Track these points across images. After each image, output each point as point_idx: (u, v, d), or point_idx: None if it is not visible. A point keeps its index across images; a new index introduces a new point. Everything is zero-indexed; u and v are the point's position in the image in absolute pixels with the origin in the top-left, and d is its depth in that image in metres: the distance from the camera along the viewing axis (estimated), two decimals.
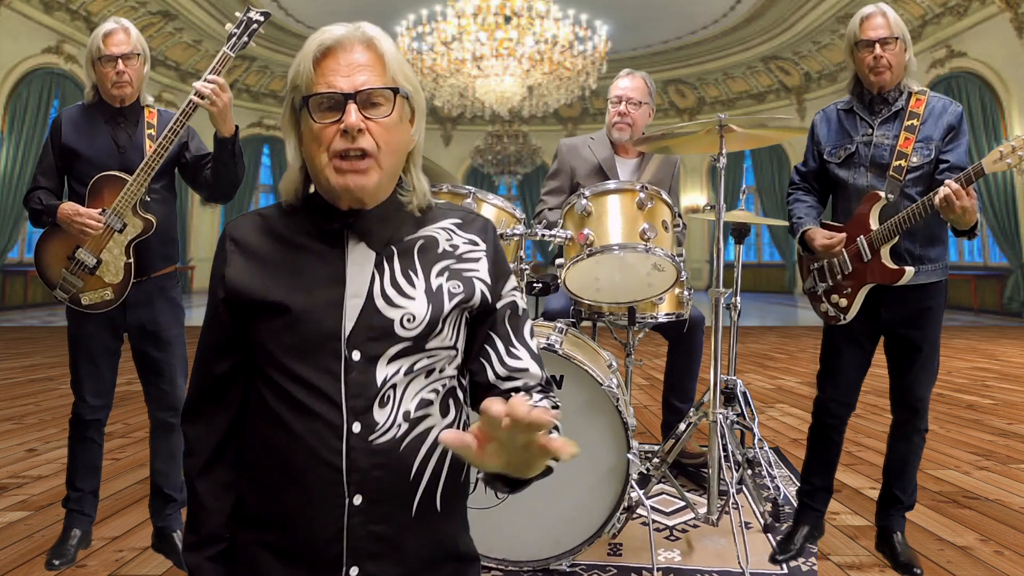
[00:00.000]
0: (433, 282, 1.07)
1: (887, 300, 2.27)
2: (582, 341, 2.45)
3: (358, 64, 1.02)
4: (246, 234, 1.09)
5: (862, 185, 2.27)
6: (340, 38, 1.03)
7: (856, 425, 4.18)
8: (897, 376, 2.32)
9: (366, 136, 1.01)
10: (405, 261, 1.07)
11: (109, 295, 2.22)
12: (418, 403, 1.03)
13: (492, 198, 2.40)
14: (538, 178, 17.30)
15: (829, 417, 2.40)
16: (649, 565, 2.22)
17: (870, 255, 2.23)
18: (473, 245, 1.12)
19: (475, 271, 1.10)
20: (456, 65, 11.52)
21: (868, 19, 2.21)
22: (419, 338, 1.03)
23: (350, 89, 1.01)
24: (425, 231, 1.11)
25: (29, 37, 11.37)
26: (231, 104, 2.15)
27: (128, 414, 4.29)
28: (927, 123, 2.20)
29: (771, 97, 16.61)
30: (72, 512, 2.34)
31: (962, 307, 12.06)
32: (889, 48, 2.18)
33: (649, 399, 4.95)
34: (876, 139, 2.24)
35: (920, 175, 2.21)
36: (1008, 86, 11.10)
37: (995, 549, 2.43)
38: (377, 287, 1.04)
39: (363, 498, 0.99)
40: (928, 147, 2.19)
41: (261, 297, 1.03)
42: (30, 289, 11.53)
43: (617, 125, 3.10)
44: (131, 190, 2.17)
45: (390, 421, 1.01)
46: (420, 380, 1.04)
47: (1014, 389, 5.46)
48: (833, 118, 2.37)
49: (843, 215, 2.33)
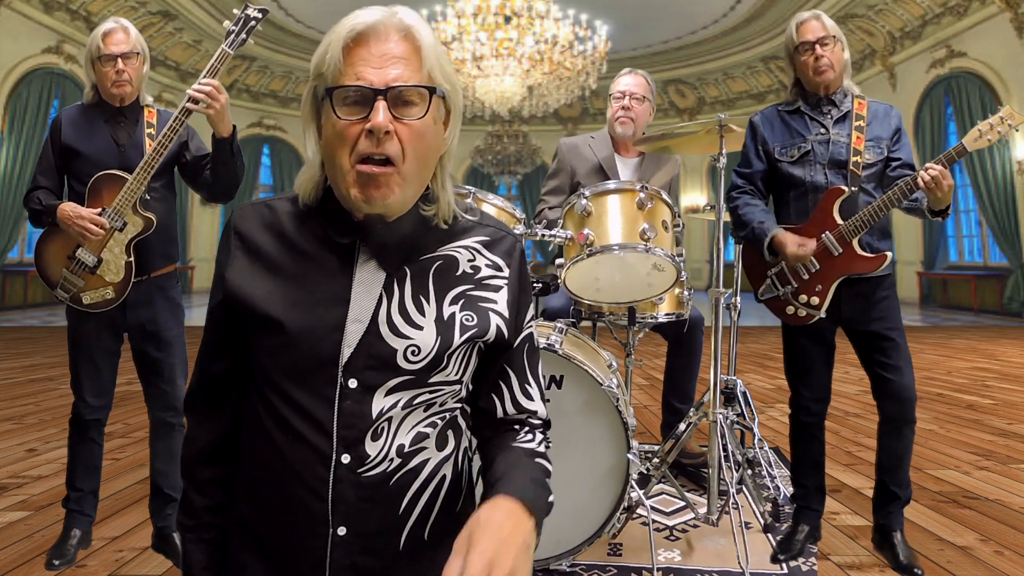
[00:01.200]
0: (446, 310, 0.98)
1: (846, 295, 2.32)
2: (582, 341, 2.45)
3: (392, 55, 0.91)
4: (252, 230, 1.01)
5: (820, 182, 2.32)
6: (374, 24, 0.92)
7: (856, 425, 4.18)
8: (879, 372, 2.34)
9: (393, 140, 0.91)
10: (418, 285, 0.98)
11: (110, 294, 2.22)
12: (414, 437, 0.96)
13: (492, 198, 2.40)
14: (538, 178, 17.30)
15: (808, 415, 2.43)
16: (649, 565, 2.22)
17: (841, 248, 2.27)
18: (496, 271, 1.03)
19: (493, 303, 1.01)
20: (456, 65, 11.51)
21: (804, 23, 2.33)
22: (422, 372, 0.95)
23: (381, 84, 0.90)
24: (446, 249, 1.01)
25: (29, 37, 11.38)
26: (228, 105, 2.15)
27: (128, 414, 4.29)
28: (872, 124, 2.33)
29: (771, 97, 16.61)
30: (72, 512, 2.33)
31: (962, 307, 12.06)
32: (828, 47, 2.29)
33: (649, 399, 4.95)
34: (833, 137, 2.32)
35: (874, 172, 2.32)
36: (1008, 86, 11.09)
37: (995, 549, 2.43)
38: (383, 312, 0.96)
39: (347, 530, 0.94)
40: (879, 146, 2.32)
41: (260, 309, 0.96)
42: (30, 289, 11.53)
43: (620, 119, 3.11)
44: (131, 188, 2.17)
45: (382, 455, 0.94)
46: (418, 413, 0.97)
47: (1014, 389, 5.46)
48: (775, 119, 2.41)
49: (797, 214, 2.36)
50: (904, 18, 12.63)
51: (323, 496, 0.93)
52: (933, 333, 9.14)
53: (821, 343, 2.39)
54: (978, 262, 12.42)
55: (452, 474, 1.01)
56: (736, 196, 2.46)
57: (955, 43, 11.99)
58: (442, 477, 1.00)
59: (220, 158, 2.21)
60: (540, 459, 1.02)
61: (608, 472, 2.18)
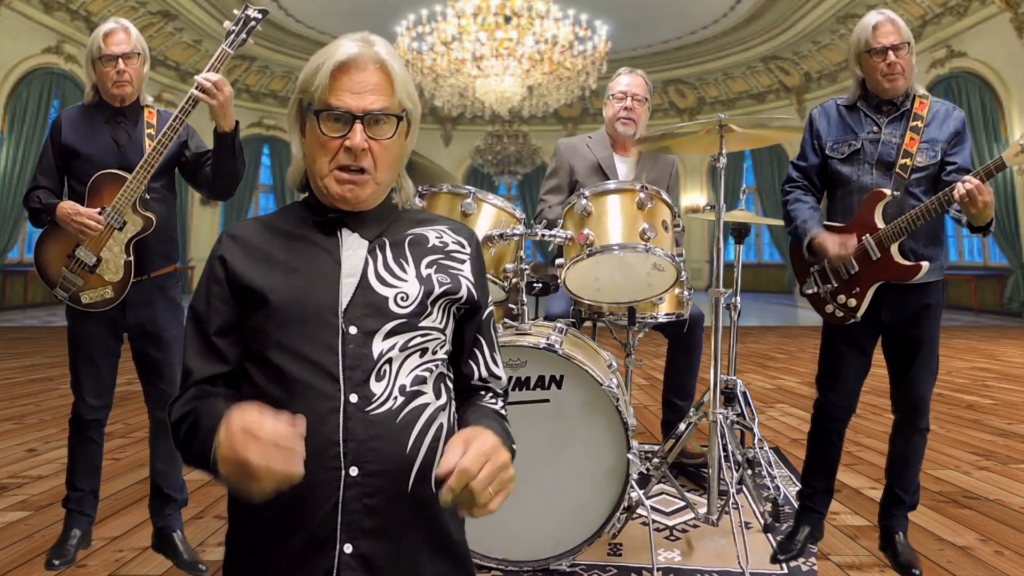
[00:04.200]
0: (423, 271, 1.14)
1: (888, 300, 2.26)
2: (582, 341, 2.45)
3: (368, 84, 1.10)
4: (244, 233, 1.15)
5: (867, 183, 2.26)
6: (355, 57, 1.10)
7: (856, 425, 4.18)
8: (898, 375, 2.31)
9: (367, 156, 1.10)
10: (396, 251, 1.15)
11: (109, 293, 2.22)
12: (413, 379, 1.08)
13: (492, 198, 2.40)
14: (538, 178, 17.28)
15: (830, 420, 2.40)
16: (649, 565, 2.22)
17: (879, 253, 2.21)
18: (460, 247, 1.21)
19: (461, 270, 1.18)
20: (456, 65, 11.52)
21: (879, 26, 2.23)
22: (412, 316, 1.09)
23: (359, 110, 1.09)
24: (416, 229, 1.20)
25: (29, 37, 11.37)
26: (232, 99, 2.15)
27: (128, 414, 4.29)
28: (931, 126, 2.23)
29: (771, 97, 16.61)
30: (72, 512, 2.33)
31: (962, 307, 12.05)
32: (902, 54, 2.20)
33: (649, 399, 4.95)
34: (884, 137, 2.24)
35: (925, 175, 2.22)
36: (1008, 86, 11.10)
37: (995, 549, 2.43)
38: (371, 269, 1.12)
39: (359, 470, 1.01)
40: (934, 148, 2.22)
41: (259, 280, 1.09)
42: (30, 289, 11.53)
43: (622, 120, 3.12)
44: (131, 187, 2.17)
45: (386, 393, 1.05)
46: (415, 358, 1.09)
47: (1014, 389, 5.46)
48: (833, 113, 2.36)
49: (843, 213, 2.32)
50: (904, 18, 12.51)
51: (335, 438, 1.01)
52: None
53: (859, 351, 2.33)
54: (978, 262, 12.42)
55: (447, 425, 1.11)
56: (789, 190, 2.43)
57: (955, 43, 11.98)
58: (439, 425, 1.09)
59: (221, 153, 2.20)
60: (503, 420, 1.19)
61: (608, 472, 2.18)
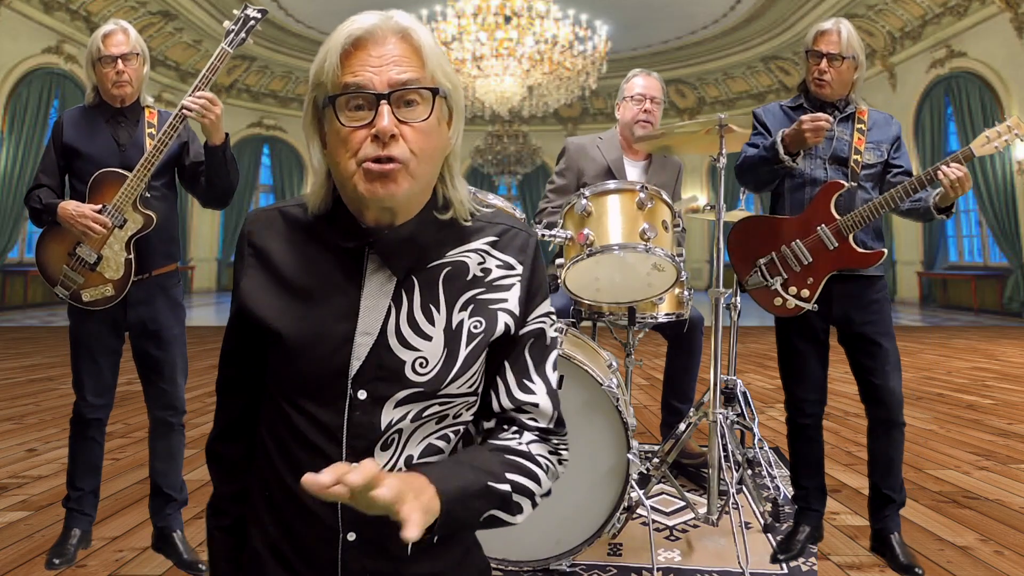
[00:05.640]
0: (455, 318, 0.97)
1: (837, 293, 2.33)
2: (582, 341, 2.45)
3: (392, 57, 0.90)
4: (264, 239, 1.01)
5: (819, 177, 2.35)
6: (371, 28, 0.90)
7: (856, 425, 4.18)
8: (867, 376, 2.35)
9: (399, 143, 0.89)
10: (427, 294, 0.97)
11: (110, 291, 2.22)
12: (424, 448, 0.97)
13: (492, 198, 2.40)
14: (538, 178, 17.31)
15: (804, 417, 2.44)
16: (649, 565, 2.22)
17: (837, 243, 2.28)
18: (508, 269, 1.01)
19: (503, 301, 0.99)
20: (456, 65, 11.51)
21: (826, 33, 2.34)
22: (431, 383, 0.95)
23: (383, 87, 0.89)
24: (455, 254, 1.00)
25: (29, 37, 11.38)
26: (222, 115, 2.19)
27: (128, 414, 4.29)
28: (873, 130, 2.38)
29: (771, 97, 16.60)
30: (72, 512, 2.33)
31: (962, 307, 12.04)
32: (835, 65, 2.31)
33: (649, 399, 4.95)
34: (837, 134, 2.35)
35: (873, 172, 2.37)
36: (1008, 86, 11.09)
37: (995, 549, 2.43)
38: (392, 324, 0.95)
39: (356, 536, 0.96)
40: (879, 149, 2.37)
41: (271, 324, 0.97)
42: (30, 289, 11.53)
43: (641, 123, 3.10)
44: (131, 185, 2.18)
45: (390, 465, 0.95)
46: (430, 426, 0.97)
47: (1014, 389, 5.46)
48: (778, 113, 2.47)
49: (794, 206, 2.39)
50: (904, 18, 12.63)
51: (332, 503, 0.91)
52: (933, 333, 9.13)
53: (815, 342, 2.39)
54: (978, 262, 12.41)
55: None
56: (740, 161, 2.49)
57: (955, 43, 11.99)
58: None
59: (213, 166, 2.24)
60: (513, 455, 0.98)
61: (608, 472, 2.18)
